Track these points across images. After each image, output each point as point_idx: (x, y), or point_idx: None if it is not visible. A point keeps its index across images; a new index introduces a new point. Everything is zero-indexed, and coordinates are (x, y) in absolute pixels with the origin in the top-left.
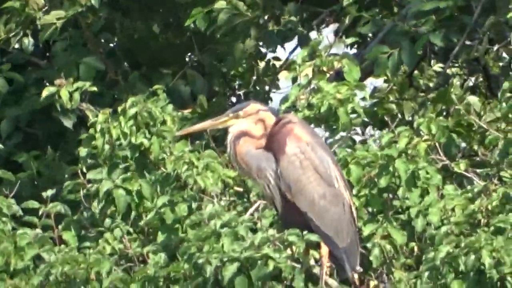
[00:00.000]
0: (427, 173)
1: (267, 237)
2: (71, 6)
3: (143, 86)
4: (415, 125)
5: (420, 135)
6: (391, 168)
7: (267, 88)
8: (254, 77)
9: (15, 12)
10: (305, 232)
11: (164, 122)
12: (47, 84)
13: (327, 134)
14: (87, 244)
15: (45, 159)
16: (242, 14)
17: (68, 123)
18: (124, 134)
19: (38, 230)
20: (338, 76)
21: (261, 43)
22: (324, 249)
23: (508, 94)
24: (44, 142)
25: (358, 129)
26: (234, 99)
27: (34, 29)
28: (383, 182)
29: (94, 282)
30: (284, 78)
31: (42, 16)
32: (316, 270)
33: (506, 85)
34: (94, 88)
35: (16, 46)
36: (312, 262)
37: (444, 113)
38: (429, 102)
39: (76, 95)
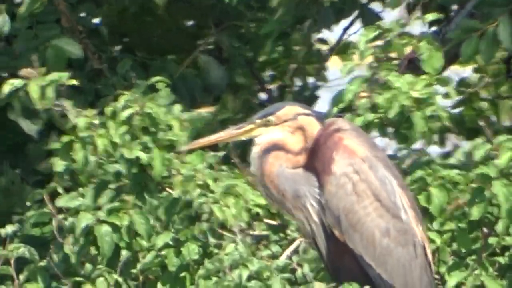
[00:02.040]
0: None
1: None
2: None
3: (138, 78)
4: None
5: None
6: (487, 193)
7: (310, 81)
8: (293, 65)
9: None
10: (366, 287)
11: (169, 128)
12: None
13: (391, 145)
14: None
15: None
16: None
17: (31, 129)
18: (114, 145)
19: None
20: (410, 66)
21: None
22: None
23: None
24: None
25: (436, 138)
26: (263, 96)
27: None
28: (475, 213)
29: None
30: (335, 66)
31: None
32: None
33: None
34: (74, 82)
35: None
36: None
37: None
38: None
39: (50, 91)
